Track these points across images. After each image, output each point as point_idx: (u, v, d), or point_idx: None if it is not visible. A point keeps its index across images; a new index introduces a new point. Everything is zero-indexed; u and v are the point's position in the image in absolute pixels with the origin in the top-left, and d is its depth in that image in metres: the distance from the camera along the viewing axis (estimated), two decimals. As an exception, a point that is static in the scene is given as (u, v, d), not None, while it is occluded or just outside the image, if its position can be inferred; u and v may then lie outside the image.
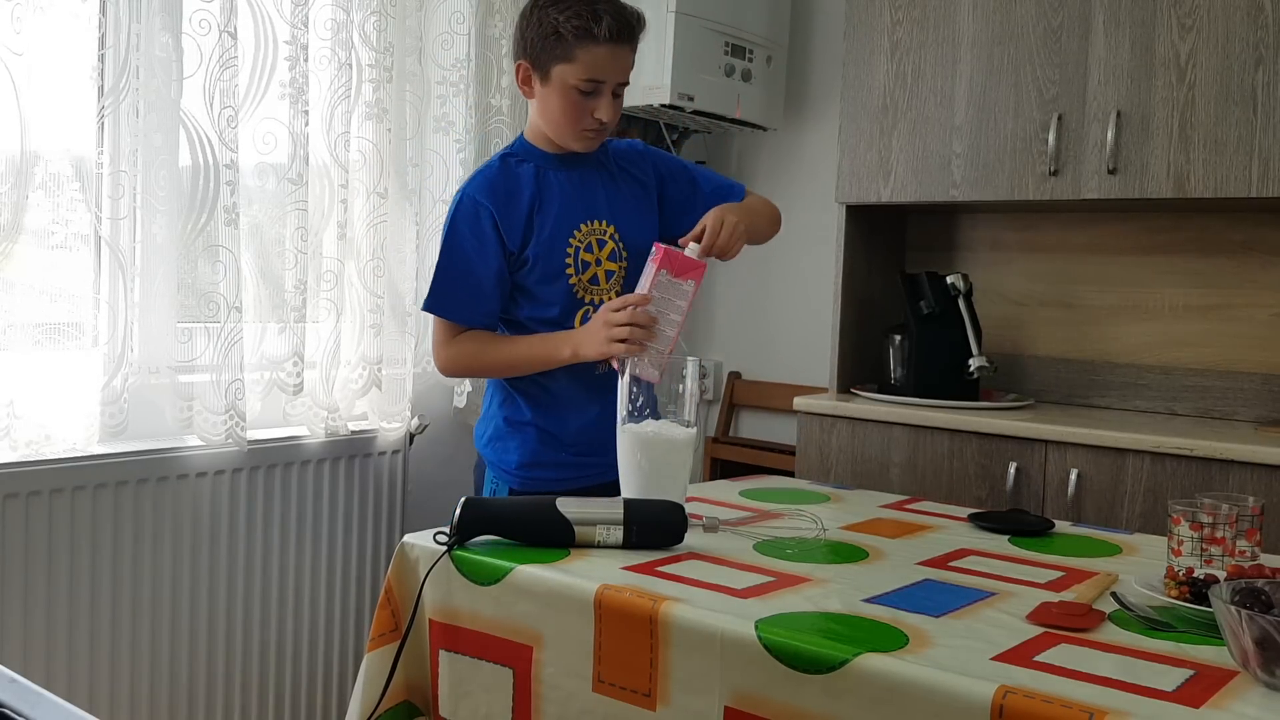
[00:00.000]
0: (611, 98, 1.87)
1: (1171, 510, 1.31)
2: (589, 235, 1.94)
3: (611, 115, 1.88)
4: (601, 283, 1.94)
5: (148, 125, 2.05)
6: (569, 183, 1.94)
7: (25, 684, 0.82)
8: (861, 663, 1.04)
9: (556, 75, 1.85)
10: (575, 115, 1.86)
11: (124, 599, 2.06)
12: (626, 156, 2.05)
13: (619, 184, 2.00)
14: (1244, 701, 0.96)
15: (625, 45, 1.86)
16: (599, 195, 1.96)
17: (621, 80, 1.88)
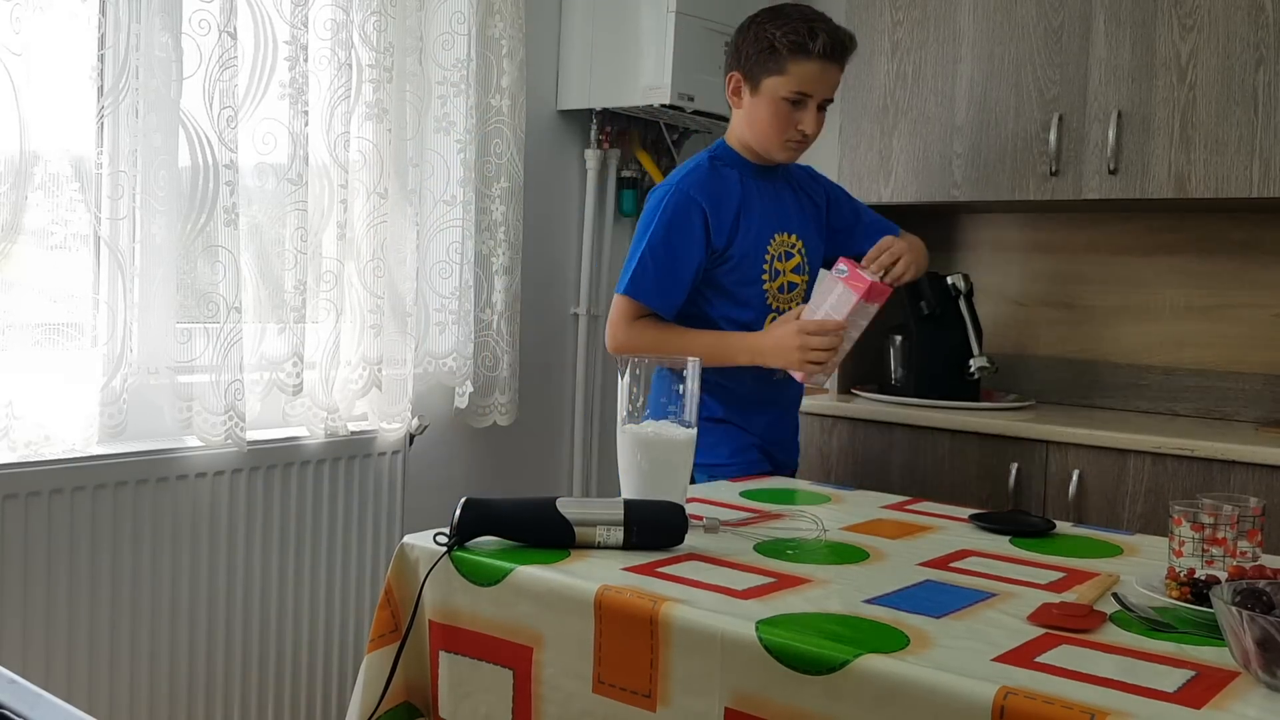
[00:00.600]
0: (816, 112, 1.99)
1: (1173, 511, 1.30)
2: (780, 246, 2.08)
3: (814, 129, 2.01)
4: (788, 293, 2.10)
5: (147, 125, 2.05)
6: (766, 193, 2.09)
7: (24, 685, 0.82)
8: (862, 664, 1.03)
9: (767, 87, 1.98)
10: (781, 126, 1.99)
11: (123, 600, 2.06)
12: (803, 179, 2.20)
13: (802, 201, 2.16)
14: (1245, 703, 0.96)
15: (835, 63, 1.98)
16: (790, 209, 2.12)
17: (827, 97, 2.00)
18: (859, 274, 1.90)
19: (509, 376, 2.79)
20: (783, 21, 1.96)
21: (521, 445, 3.05)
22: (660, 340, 1.98)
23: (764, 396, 2.12)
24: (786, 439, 2.22)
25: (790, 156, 2.06)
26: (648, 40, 2.89)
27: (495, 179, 2.74)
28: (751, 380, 2.07)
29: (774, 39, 1.96)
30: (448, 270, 2.67)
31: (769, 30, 1.96)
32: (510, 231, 2.76)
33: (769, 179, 2.11)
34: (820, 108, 2.01)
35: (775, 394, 2.13)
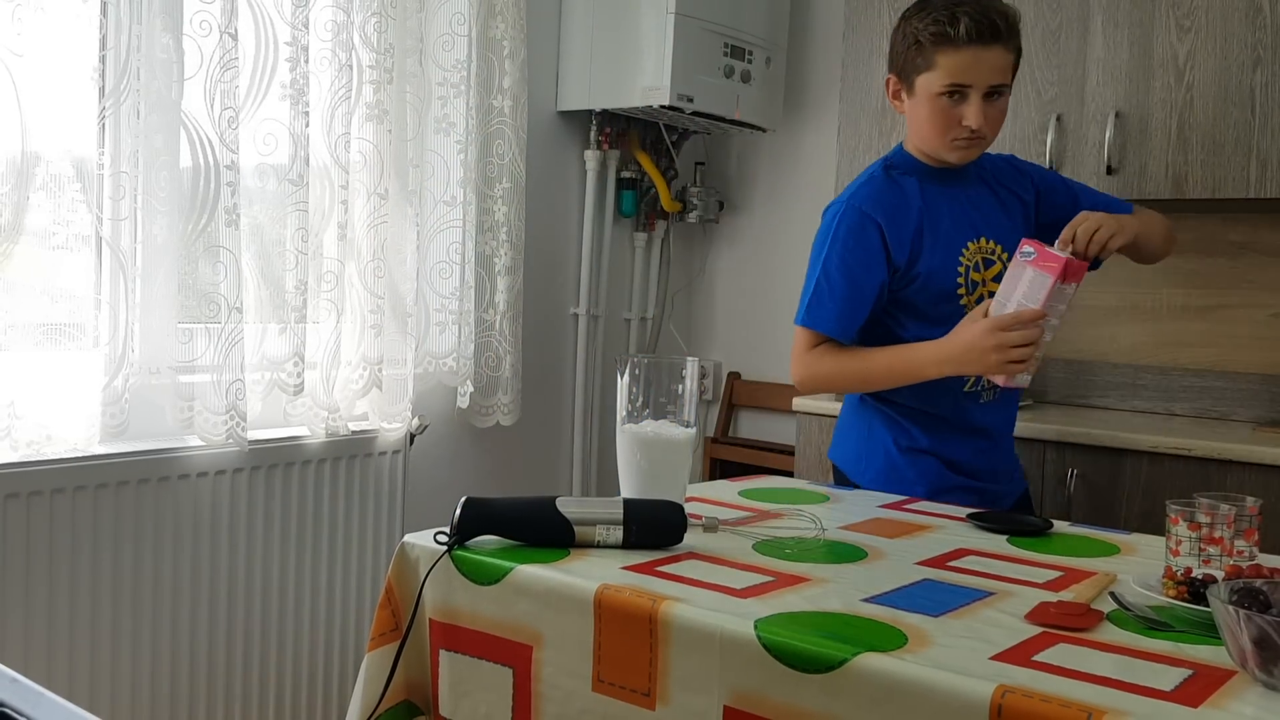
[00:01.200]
0: (983, 102, 1.78)
1: (1170, 510, 1.31)
2: (977, 254, 1.88)
3: (981, 121, 1.79)
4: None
5: (148, 126, 2.05)
6: (955, 198, 1.89)
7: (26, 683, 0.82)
8: (860, 662, 1.04)
9: (920, 86, 1.82)
10: (943, 125, 1.81)
11: (125, 599, 2.06)
12: (1004, 172, 1.98)
13: (1001, 201, 1.93)
14: (1242, 701, 0.96)
15: (990, 45, 1.76)
16: (987, 211, 1.91)
17: (992, 82, 1.78)
18: (1049, 253, 1.67)
19: (511, 376, 2.80)
20: (927, 12, 1.78)
21: (521, 445, 3.05)
22: (839, 366, 1.84)
23: (967, 420, 1.90)
24: (1000, 469, 1.97)
25: (963, 157, 1.85)
26: (647, 41, 2.90)
27: (497, 179, 2.74)
28: (950, 400, 1.86)
29: (918, 33, 1.79)
30: (448, 270, 2.67)
31: (913, 24, 1.80)
32: (512, 232, 2.76)
33: (957, 181, 1.90)
34: (990, 95, 1.79)
35: (982, 415, 1.91)
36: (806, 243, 3.29)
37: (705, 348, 3.55)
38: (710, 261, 3.55)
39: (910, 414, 1.90)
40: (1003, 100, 1.83)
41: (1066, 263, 1.65)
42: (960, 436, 1.90)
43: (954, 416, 1.89)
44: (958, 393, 1.87)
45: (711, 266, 3.55)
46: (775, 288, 3.41)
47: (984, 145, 1.86)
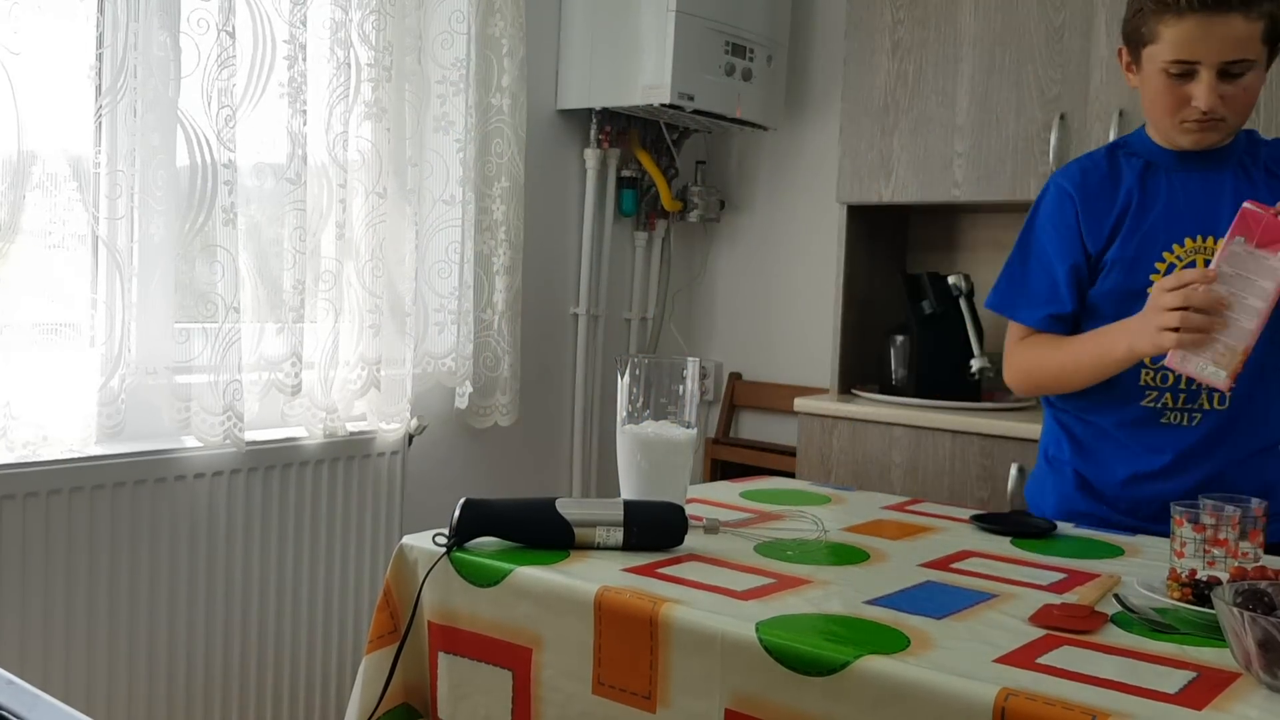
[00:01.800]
0: (1217, 80, 1.53)
1: (1174, 512, 1.30)
2: (1194, 253, 1.62)
3: (1214, 102, 1.53)
4: None
5: (145, 125, 2.04)
6: (1185, 187, 1.64)
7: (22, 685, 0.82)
8: (863, 665, 1.03)
9: (1147, 59, 1.59)
10: (1169, 105, 1.58)
11: (121, 600, 2.06)
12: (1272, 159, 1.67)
13: (1260, 193, 1.60)
14: (1246, 704, 0.95)
15: (1224, 13, 1.50)
16: (1224, 206, 1.60)
17: (1226, 58, 1.51)
18: (1255, 212, 1.39)
19: (510, 377, 2.79)
20: None
21: (521, 446, 3.04)
22: (1038, 360, 1.67)
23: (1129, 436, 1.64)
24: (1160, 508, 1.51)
25: (1197, 141, 1.60)
26: (648, 39, 2.89)
27: (496, 178, 2.73)
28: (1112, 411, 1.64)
29: (1143, 1, 1.57)
30: (446, 270, 2.66)
31: None
32: (511, 231, 2.76)
33: (1196, 169, 1.64)
34: (1226, 75, 1.53)
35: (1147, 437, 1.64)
36: (808, 242, 3.30)
37: (706, 348, 3.55)
38: (711, 261, 3.54)
39: (1067, 419, 1.72)
40: (1249, 78, 1.55)
41: (1253, 217, 1.37)
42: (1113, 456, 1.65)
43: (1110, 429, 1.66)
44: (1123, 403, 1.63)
45: (712, 266, 3.54)
46: (777, 287, 3.40)
47: (1224, 129, 1.60)
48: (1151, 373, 1.61)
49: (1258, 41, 1.53)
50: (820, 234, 3.21)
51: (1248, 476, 1.61)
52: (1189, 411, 1.62)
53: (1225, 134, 1.62)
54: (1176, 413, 1.63)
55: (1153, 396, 1.63)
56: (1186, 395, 1.62)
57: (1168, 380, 1.61)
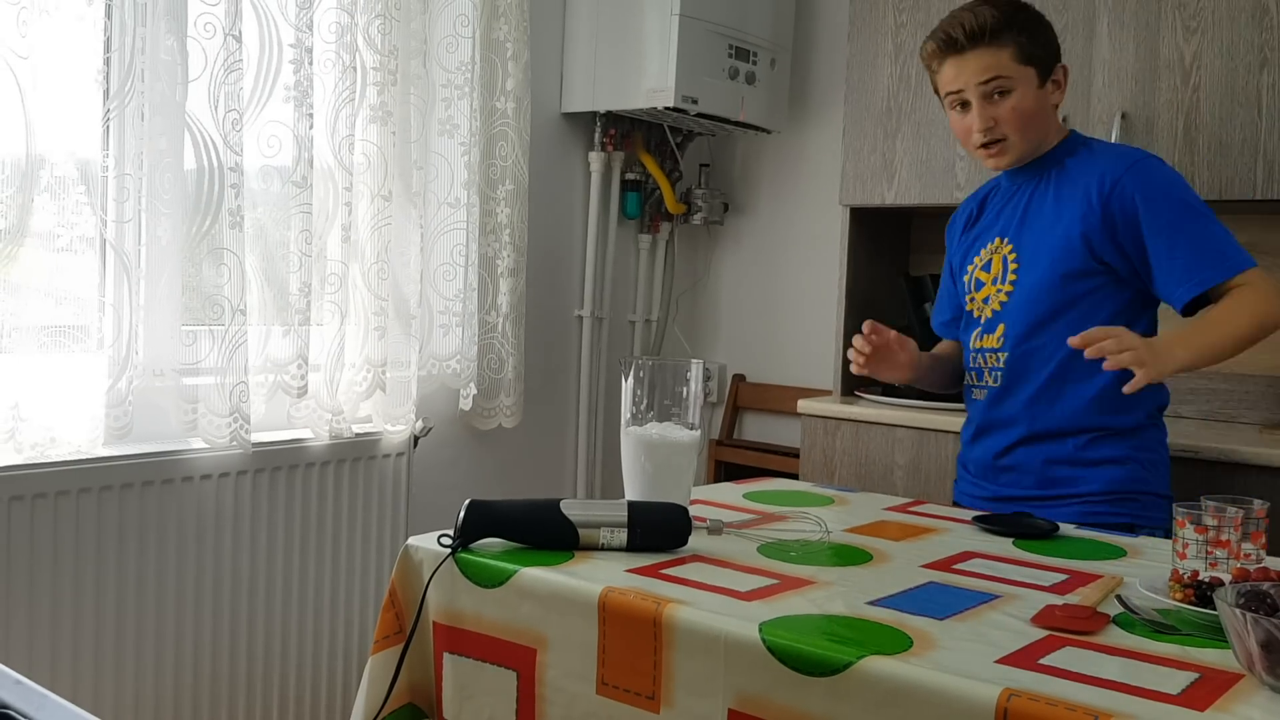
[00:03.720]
0: (984, 104, 1.78)
1: (1176, 513, 1.30)
2: (990, 254, 1.90)
3: (985, 124, 1.78)
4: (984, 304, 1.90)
5: (153, 128, 2.05)
6: (1004, 196, 1.93)
7: (30, 685, 0.82)
8: (865, 665, 1.03)
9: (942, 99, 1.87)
10: (961, 133, 1.85)
11: (128, 601, 2.06)
12: (1086, 165, 1.81)
13: (1046, 197, 1.83)
14: (1249, 705, 0.96)
15: (965, 52, 1.77)
16: (1016, 212, 1.88)
17: (980, 80, 1.77)
18: None
19: (514, 379, 2.80)
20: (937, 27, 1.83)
21: (526, 447, 3.05)
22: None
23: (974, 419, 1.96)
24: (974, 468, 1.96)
25: (996, 163, 1.85)
26: (651, 43, 2.90)
27: (500, 181, 2.74)
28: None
29: (924, 48, 1.85)
30: (451, 272, 2.67)
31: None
32: (515, 234, 2.76)
33: (1016, 179, 1.90)
34: (992, 96, 1.77)
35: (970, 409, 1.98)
36: (811, 244, 3.31)
37: (710, 350, 3.55)
38: (715, 263, 3.55)
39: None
40: (1015, 97, 1.77)
41: None
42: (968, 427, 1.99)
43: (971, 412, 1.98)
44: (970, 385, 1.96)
45: (716, 268, 3.55)
46: (780, 290, 3.41)
47: (1011, 150, 1.82)
48: (972, 355, 1.93)
49: (1011, 63, 1.77)
50: (823, 236, 3.21)
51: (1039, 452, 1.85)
52: (981, 387, 1.93)
53: (1016, 153, 1.83)
54: (977, 389, 1.94)
55: (970, 375, 1.95)
56: (977, 372, 1.93)
57: (971, 360, 1.93)
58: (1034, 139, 1.82)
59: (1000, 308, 1.85)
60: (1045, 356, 1.80)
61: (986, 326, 1.88)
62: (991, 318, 1.86)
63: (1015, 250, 1.85)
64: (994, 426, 1.89)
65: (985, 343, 1.88)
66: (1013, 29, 1.77)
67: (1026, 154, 1.83)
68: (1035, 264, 1.82)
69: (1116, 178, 1.75)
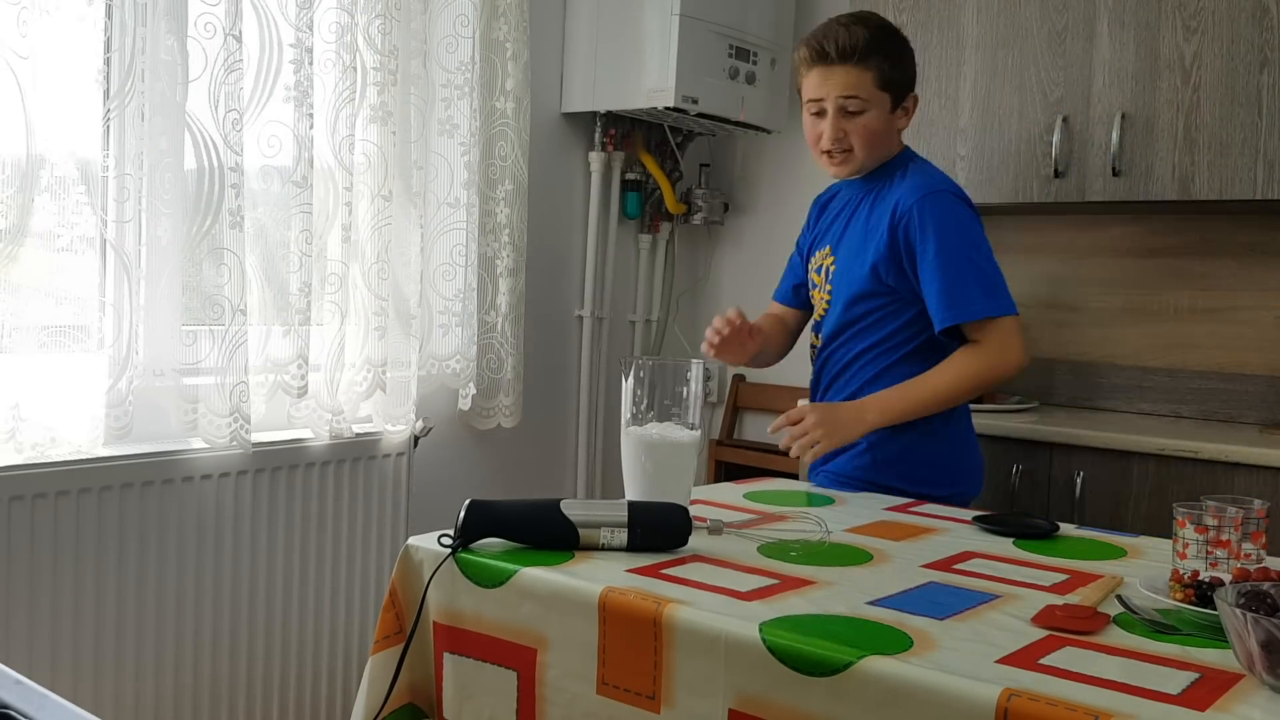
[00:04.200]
0: (839, 117, 1.93)
1: (1177, 513, 1.30)
2: (821, 260, 2.08)
3: (836, 135, 1.94)
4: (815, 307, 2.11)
5: (153, 128, 2.05)
6: (839, 203, 2.09)
7: (30, 685, 0.82)
8: (866, 665, 1.03)
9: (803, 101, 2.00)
10: (813, 138, 1.98)
11: (128, 601, 2.06)
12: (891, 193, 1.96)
13: (862, 215, 2.02)
14: (1249, 705, 0.96)
15: (834, 66, 1.91)
16: (842, 224, 2.06)
17: (840, 95, 1.92)
18: None
19: (513, 379, 2.80)
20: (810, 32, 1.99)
21: (526, 447, 3.05)
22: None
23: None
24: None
25: (836, 172, 2.02)
26: (652, 43, 2.90)
27: (499, 181, 2.74)
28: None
29: (794, 55, 2.01)
30: (451, 273, 2.67)
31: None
32: (515, 234, 2.76)
33: (850, 194, 2.08)
34: (847, 112, 1.93)
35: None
36: (811, 244, 3.29)
37: (710, 350, 3.54)
38: (715, 263, 3.55)
39: None
40: (867, 116, 1.93)
41: None
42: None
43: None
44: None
45: (716, 268, 3.55)
46: (780, 290, 3.40)
47: (854, 161, 1.97)
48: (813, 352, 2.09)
49: (870, 87, 1.92)
50: (824, 236, 3.21)
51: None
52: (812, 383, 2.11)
53: (856, 165, 1.98)
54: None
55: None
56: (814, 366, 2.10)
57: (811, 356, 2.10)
58: (875, 156, 1.98)
59: (823, 313, 2.06)
60: (839, 362, 2.02)
61: (815, 327, 2.11)
62: (819, 321, 2.08)
63: (836, 263, 2.04)
64: None
65: (813, 339, 2.10)
66: (879, 54, 1.92)
67: (865, 168, 2.00)
68: (843, 281, 2.00)
69: (906, 208, 1.91)
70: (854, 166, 1.98)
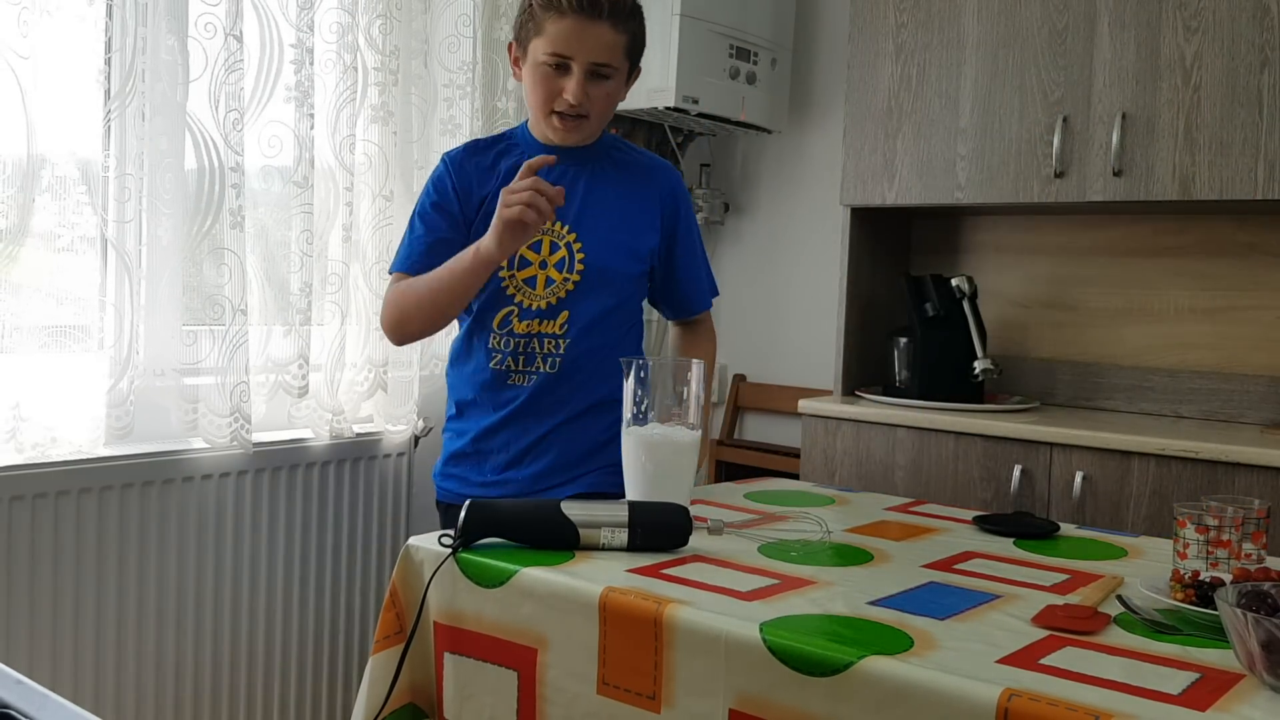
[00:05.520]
0: (585, 80, 1.73)
1: (1177, 513, 1.30)
2: (541, 234, 1.80)
3: (581, 97, 1.73)
4: (539, 288, 1.79)
5: (154, 129, 2.05)
6: (547, 175, 1.77)
7: (31, 685, 0.82)
8: (866, 665, 1.03)
9: (530, 51, 1.75)
10: (545, 96, 1.75)
11: (129, 601, 2.07)
12: (646, 174, 1.88)
13: (607, 191, 1.84)
14: (1250, 705, 0.96)
15: (598, 21, 1.71)
16: (573, 197, 1.81)
17: (595, 60, 1.72)
18: None
19: (514, 378, 2.79)
20: None
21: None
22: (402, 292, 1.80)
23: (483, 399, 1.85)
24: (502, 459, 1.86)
25: (564, 137, 1.79)
26: (652, 43, 2.86)
27: (500, 181, 2.74)
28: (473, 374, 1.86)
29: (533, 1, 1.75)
30: (453, 272, 2.67)
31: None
32: (515, 234, 2.76)
33: (563, 163, 1.80)
34: (594, 75, 1.73)
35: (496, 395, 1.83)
36: (812, 244, 3.31)
37: (710, 350, 3.54)
38: (715, 263, 3.54)
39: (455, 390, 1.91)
40: (611, 84, 1.77)
41: None
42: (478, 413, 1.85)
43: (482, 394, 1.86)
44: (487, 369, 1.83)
45: (716, 268, 3.53)
46: (781, 290, 3.41)
47: (588, 129, 1.80)
48: (499, 337, 1.81)
49: (621, 53, 1.76)
50: (824, 236, 3.21)
51: (580, 432, 1.83)
52: (527, 373, 1.82)
53: (588, 134, 1.81)
54: (518, 374, 1.82)
55: (498, 359, 1.82)
56: (525, 357, 1.81)
57: (509, 345, 1.80)
58: (602, 128, 1.85)
59: (566, 295, 1.80)
60: (607, 344, 1.82)
61: (545, 312, 1.79)
62: (555, 304, 1.79)
63: (580, 241, 1.81)
64: (538, 412, 1.82)
65: (543, 328, 1.79)
66: (635, 20, 1.79)
67: (589, 140, 1.84)
68: (605, 261, 1.81)
69: (673, 190, 1.88)
70: (584, 135, 1.80)
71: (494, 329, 1.81)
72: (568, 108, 1.74)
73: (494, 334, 1.81)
